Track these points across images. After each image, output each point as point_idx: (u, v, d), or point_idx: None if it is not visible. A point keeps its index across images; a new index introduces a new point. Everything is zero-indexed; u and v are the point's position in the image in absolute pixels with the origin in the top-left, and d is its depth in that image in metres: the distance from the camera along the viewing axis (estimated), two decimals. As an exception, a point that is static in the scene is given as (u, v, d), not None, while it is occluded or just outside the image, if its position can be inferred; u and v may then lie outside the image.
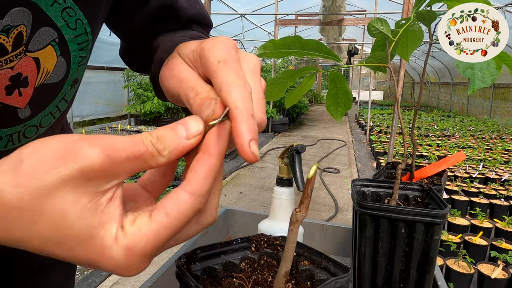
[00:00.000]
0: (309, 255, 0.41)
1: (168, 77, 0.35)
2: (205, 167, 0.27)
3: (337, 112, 0.82)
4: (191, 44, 0.34)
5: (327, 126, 9.21)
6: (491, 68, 0.53)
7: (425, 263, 0.56)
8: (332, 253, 0.95)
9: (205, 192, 0.27)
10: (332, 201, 3.75)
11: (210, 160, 0.27)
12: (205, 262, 0.39)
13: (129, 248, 0.25)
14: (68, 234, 0.24)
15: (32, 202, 0.23)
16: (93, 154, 0.24)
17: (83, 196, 0.24)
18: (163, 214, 0.26)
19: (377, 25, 0.66)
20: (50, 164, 0.23)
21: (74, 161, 0.23)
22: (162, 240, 0.26)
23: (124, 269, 0.25)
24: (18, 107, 0.39)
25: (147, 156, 0.26)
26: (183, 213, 0.26)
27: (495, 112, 9.39)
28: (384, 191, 0.68)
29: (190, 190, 0.26)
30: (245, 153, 0.26)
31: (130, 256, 0.25)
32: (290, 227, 0.32)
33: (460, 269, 2.18)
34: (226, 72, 0.28)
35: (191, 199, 0.26)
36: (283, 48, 0.67)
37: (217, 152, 0.27)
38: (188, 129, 0.27)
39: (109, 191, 0.25)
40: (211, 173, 0.27)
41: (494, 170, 4.27)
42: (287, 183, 0.84)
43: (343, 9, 6.55)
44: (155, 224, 0.25)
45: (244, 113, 0.26)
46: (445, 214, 0.53)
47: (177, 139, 0.27)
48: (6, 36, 0.34)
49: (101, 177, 0.24)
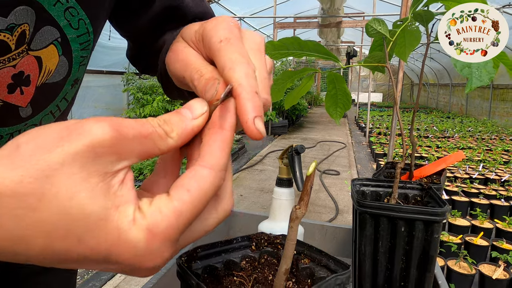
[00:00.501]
0: (309, 253, 0.41)
1: (173, 61, 0.34)
2: (219, 140, 0.26)
3: (336, 113, 0.82)
4: (194, 25, 0.34)
5: (326, 128, 9.22)
6: (489, 66, 0.54)
7: (425, 262, 0.56)
8: (332, 254, 0.95)
9: (223, 166, 0.25)
10: (333, 203, 3.75)
11: (222, 134, 0.26)
12: (206, 260, 0.39)
13: (150, 229, 0.22)
14: (77, 218, 0.21)
15: (33, 185, 0.20)
16: (101, 128, 0.22)
17: (93, 175, 0.21)
18: (183, 191, 0.23)
19: (375, 25, 0.66)
20: (53, 144, 0.21)
21: (80, 137, 0.21)
22: (185, 220, 0.23)
23: (145, 258, 0.22)
24: (19, 105, 0.39)
25: (155, 137, 0.24)
26: (204, 189, 0.24)
27: (494, 113, 9.40)
28: (384, 190, 0.68)
29: (207, 165, 0.24)
30: (250, 130, 0.25)
31: (151, 239, 0.22)
32: (290, 224, 0.32)
33: (461, 270, 2.18)
34: (229, 50, 0.28)
35: (211, 174, 0.24)
36: (282, 49, 0.67)
37: (227, 125, 0.26)
38: (193, 110, 0.27)
39: (120, 172, 0.23)
40: (226, 146, 0.26)
41: (494, 171, 4.27)
42: (287, 183, 0.85)
43: (342, 12, 6.58)
44: (176, 202, 0.23)
45: (248, 90, 0.26)
46: (445, 212, 0.54)
47: (183, 120, 0.26)
48: (10, 35, 0.34)
49: (110, 154, 0.22)
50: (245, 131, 0.25)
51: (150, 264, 0.23)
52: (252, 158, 5.71)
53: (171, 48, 0.36)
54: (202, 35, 0.31)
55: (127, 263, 0.22)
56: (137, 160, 0.24)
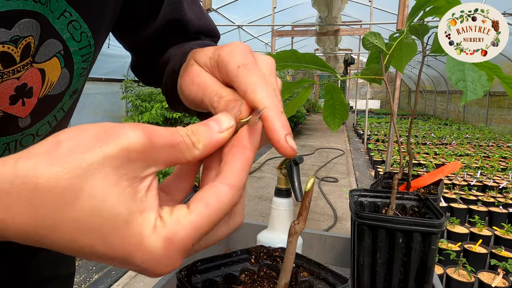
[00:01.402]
0: (308, 266, 0.41)
1: (188, 84, 0.35)
2: (241, 160, 0.27)
3: (334, 123, 0.83)
4: (207, 50, 0.35)
5: (325, 135, 9.24)
6: (483, 80, 0.54)
7: (423, 273, 0.56)
8: (331, 263, 0.95)
9: (242, 185, 0.26)
10: (331, 210, 3.75)
11: (245, 153, 0.27)
12: (205, 274, 0.40)
13: (168, 238, 0.23)
14: (105, 217, 0.22)
15: (70, 180, 0.21)
16: (136, 135, 0.23)
17: (124, 179, 0.23)
18: (202, 205, 0.25)
19: (371, 38, 0.67)
20: (91, 144, 0.22)
21: (116, 140, 0.23)
22: (201, 233, 0.25)
23: (159, 263, 0.24)
24: (19, 116, 0.39)
25: (183, 147, 0.25)
26: (222, 206, 0.25)
27: (491, 120, 9.45)
28: (382, 201, 0.69)
29: (228, 183, 0.26)
30: (284, 147, 0.27)
31: (168, 247, 0.23)
32: (289, 239, 0.33)
33: (461, 277, 2.17)
34: (248, 74, 0.29)
35: (230, 192, 0.25)
36: (280, 62, 0.68)
37: (251, 145, 0.27)
38: (220, 124, 0.28)
39: (147, 178, 0.24)
40: (247, 166, 0.27)
41: (492, 178, 4.28)
42: (285, 193, 0.85)
43: (339, 20, 6.64)
44: (194, 215, 0.24)
45: (275, 111, 0.27)
46: (442, 224, 0.54)
47: (210, 132, 0.27)
48: (15, 47, 0.35)
49: (141, 160, 0.23)
50: (278, 150, 0.27)
51: (164, 269, 0.24)
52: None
53: (185, 70, 0.37)
54: (217, 61, 0.32)
55: (142, 266, 0.24)
56: (163, 167, 0.25)
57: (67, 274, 0.65)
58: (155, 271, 0.24)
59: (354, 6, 8.59)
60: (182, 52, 0.48)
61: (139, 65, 0.60)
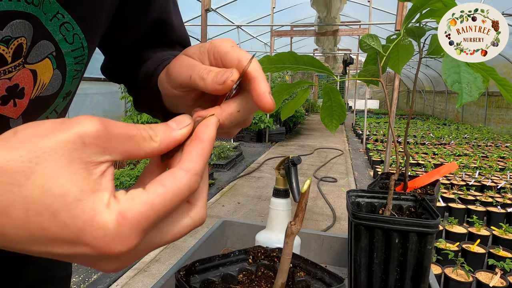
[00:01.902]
0: (305, 266, 0.42)
1: (177, 66, 0.38)
2: (198, 149, 0.28)
3: (332, 124, 0.83)
4: (194, 46, 0.39)
5: (323, 135, 9.25)
6: (478, 82, 0.55)
7: (419, 273, 0.57)
8: (329, 263, 0.96)
9: (199, 171, 0.28)
10: (330, 210, 3.76)
11: (201, 143, 0.29)
12: (203, 274, 0.40)
13: (121, 213, 0.24)
14: (56, 194, 0.22)
15: (23, 163, 0.22)
16: (91, 123, 0.24)
17: (77, 162, 0.24)
18: (158, 185, 0.26)
19: (368, 41, 0.68)
20: (46, 132, 0.23)
21: (71, 128, 0.24)
22: (156, 212, 0.25)
23: (113, 240, 0.23)
24: (11, 117, 0.39)
25: (139, 139, 0.27)
26: (178, 187, 0.26)
27: (490, 120, 9.48)
28: (379, 201, 0.70)
29: (185, 168, 0.27)
30: (266, 99, 0.31)
31: (121, 222, 0.23)
32: (285, 240, 0.33)
33: (459, 277, 2.18)
34: (240, 51, 0.34)
35: (186, 175, 0.27)
36: (278, 63, 0.69)
37: (206, 136, 0.29)
38: (178, 123, 0.30)
39: (102, 164, 0.25)
40: (203, 155, 0.28)
41: (490, 178, 4.30)
42: (283, 194, 0.86)
43: (338, 20, 6.65)
44: (150, 193, 0.25)
45: (262, 75, 0.33)
46: (437, 224, 0.55)
47: (168, 129, 0.29)
48: (6, 47, 0.35)
49: (96, 146, 0.24)
50: (260, 103, 0.32)
51: (117, 247, 0.24)
52: (250, 166, 5.71)
53: (176, 59, 0.39)
54: (208, 49, 0.36)
55: (95, 245, 0.23)
56: (121, 158, 0.26)
57: (63, 275, 0.65)
58: (109, 250, 0.24)
59: (353, 6, 8.60)
60: (160, 59, 0.51)
61: (112, 67, 0.61)
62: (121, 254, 0.24)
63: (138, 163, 4.96)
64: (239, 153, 6.12)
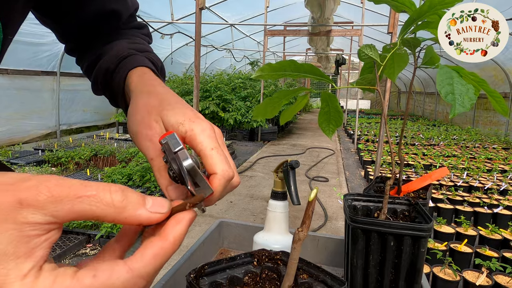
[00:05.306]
0: (308, 269, 0.44)
1: (145, 137, 0.39)
2: (155, 248, 0.26)
3: (329, 129, 0.86)
4: (177, 111, 0.40)
5: (315, 135, 9.31)
6: (470, 93, 0.58)
7: (413, 274, 0.60)
8: (324, 264, 0.99)
9: (147, 274, 0.25)
10: (322, 210, 3.80)
11: (162, 243, 0.26)
12: (212, 276, 0.42)
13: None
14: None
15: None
16: (33, 182, 0.23)
17: (10, 222, 0.22)
18: (90, 275, 0.23)
19: (366, 50, 0.71)
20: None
21: (12, 187, 0.23)
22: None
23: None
24: None
25: (95, 201, 0.24)
26: (110, 285, 0.23)
27: (478, 122, 9.66)
28: (374, 205, 0.72)
29: (130, 265, 0.24)
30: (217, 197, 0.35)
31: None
32: (293, 245, 0.35)
33: (446, 276, 2.24)
34: (217, 157, 0.35)
35: (127, 275, 0.24)
36: (279, 71, 0.71)
37: (173, 236, 0.27)
38: (154, 205, 0.27)
39: (42, 226, 0.23)
40: (160, 256, 0.26)
41: (478, 179, 4.40)
42: (281, 196, 0.88)
43: (331, 21, 6.70)
44: (74, 281, 0.23)
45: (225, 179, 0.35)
46: (431, 228, 0.58)
47: (139, 204, 0.26)
48: None
49: (34, 207, 0.23)
50: None
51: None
52: (242, 164, 5.73)
53: (146, 118, 0.40)
54: (191, 137, 0.37)
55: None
56: (69, 218, 0.24)
57: None
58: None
59: (346, 7, 8.67)
60: (119, 54, 0.53)
61: (71, 47, 0.63)
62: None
63: (130, 160, 4.94)
64: (232, 151, 6.13)
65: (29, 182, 0.23)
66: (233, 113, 7.21)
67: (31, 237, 0.22)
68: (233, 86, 7.95)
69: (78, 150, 5.28)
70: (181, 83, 7.85)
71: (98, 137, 6.83)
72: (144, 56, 0.53)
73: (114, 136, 6.84)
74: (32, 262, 0.22)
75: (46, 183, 0.23)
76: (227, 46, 10.41)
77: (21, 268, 0.22)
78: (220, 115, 7.14)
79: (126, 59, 0.52)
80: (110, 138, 6.67)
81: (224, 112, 7.33)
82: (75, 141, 6.33)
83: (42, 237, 0.23)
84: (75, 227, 2.84)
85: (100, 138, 6.71)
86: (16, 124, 5.81)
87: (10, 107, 5.68)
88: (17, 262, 0.22)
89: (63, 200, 0.23)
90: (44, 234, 0.23)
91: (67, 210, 0.23)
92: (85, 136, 7.12)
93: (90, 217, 0.24)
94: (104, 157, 5.19)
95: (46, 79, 6.36)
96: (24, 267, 0.22)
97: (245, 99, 7.78)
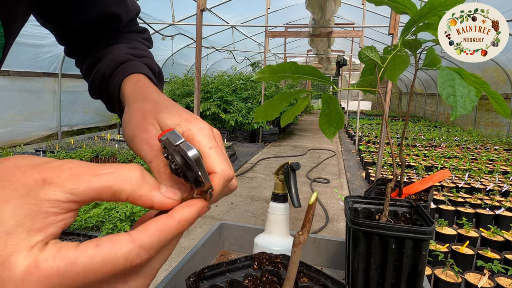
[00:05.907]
0: (308, 272, 0.44)
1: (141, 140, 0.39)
2: (160, 223, 0.26)
3: (330, 131, 0.86)
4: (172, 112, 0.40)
5: (316, 136, 9.31)
6: (471, 95, 0.58)
7: (414, 277, 0.59)
8: (325, 266, 0.98)
9: (149, 245, 0.25)
10: (323, 211, 3.79)
11: (168, 220, 0.27)
12: (212, 280, 0.42)
13: (36, 261, 0.22)
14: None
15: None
16: (62, 162, 0.25)
17: (31, 197, 0.23)
18: (92, 245, 0.24)
19: (367, 52, 0.70)
20: (23, 166, 0.25)
21: (39, 167, 0.24)
22: (75, 273, 0.23)
23: (15, 287, 0.22)
24: None
25: (116, 177, 0.25)
26: (112, 256, 0.24)
27: (479, 123, 9.64)
28: (375, 207, 0.72)
29: (134, 236, 0.25)
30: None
31: (31, 271, 0.22)
32: (293, 249, 0.35)
33: (448, 278, 2.23)
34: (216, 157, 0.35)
35: (129, 244, 0.24)
36: (280, 73, 0.71)
37: (180, 216, 0.27)
38: (169, 191, 0.28)
39: (62, 204, 0.24)
40: (164, 231, 0.26)
41: (479, 180, 4.38)
42: (282, 198, 0.88)
43: (332, 22, 6.70)
44: (78, 251, 0.23)
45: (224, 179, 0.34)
46: (432, 231, 0.57)
47: (154, 188, 0.27)
48: None
49: (56, 185, 0.24)
50: None
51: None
52: (243, 166, 5.72)
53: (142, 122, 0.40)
54: (189, 136, 0.37)
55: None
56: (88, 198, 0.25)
57: None
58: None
59: (347, 9, 8.67)
60: (116, 60, 0.53)
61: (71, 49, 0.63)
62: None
63: (131, 162, 4.94)
64: (233, 153, 6.13)
65: (54, 163, 0.25)
66: (234, 114, 7.22)
67: (49, 214, 0.23)
68: (234, 87, 7.96)
69: (79, 151, 5.28)
70: (182, 84, 7.86)
71: (99, 138, 6.84)
72: (141, 62, 0.54)
73: (115, 138, 6.85)
74: (42, 236, 0.23)
75: (69, 164, 0.25)
76: (228, 48, 10.42)
77: (31, 240, 0.22)
78: (221, 116, 7.14)
79: (123, 64, 0.52)
80: (111, 139, 6.68)
81: (225, 113, 7.34)
82: (76, 143, 6.34)
83: (59, 216, 0.24)
84: (76, 228, 2.84)
85: (101, 139, 6.72)
86: (17, 125, 5.83)
87: (12, 109, 5.70)
88: (29, 234, 0.22)
89: (82, 177, 0.24)
90: (61, 214, 0.24)
91: (85, 187, 0.24)
92: (86, 138, 7.13)
93: (108, 193, 0.25)
94: (105, 158, 5.20)
95: (47, 80, 6.37)
96: (33, 239, 0.23)
97: (246, 100, 7.78)
